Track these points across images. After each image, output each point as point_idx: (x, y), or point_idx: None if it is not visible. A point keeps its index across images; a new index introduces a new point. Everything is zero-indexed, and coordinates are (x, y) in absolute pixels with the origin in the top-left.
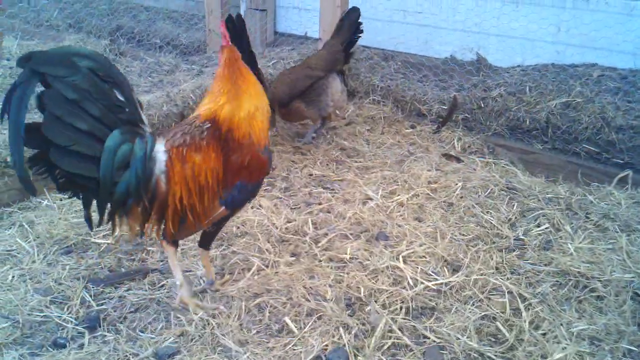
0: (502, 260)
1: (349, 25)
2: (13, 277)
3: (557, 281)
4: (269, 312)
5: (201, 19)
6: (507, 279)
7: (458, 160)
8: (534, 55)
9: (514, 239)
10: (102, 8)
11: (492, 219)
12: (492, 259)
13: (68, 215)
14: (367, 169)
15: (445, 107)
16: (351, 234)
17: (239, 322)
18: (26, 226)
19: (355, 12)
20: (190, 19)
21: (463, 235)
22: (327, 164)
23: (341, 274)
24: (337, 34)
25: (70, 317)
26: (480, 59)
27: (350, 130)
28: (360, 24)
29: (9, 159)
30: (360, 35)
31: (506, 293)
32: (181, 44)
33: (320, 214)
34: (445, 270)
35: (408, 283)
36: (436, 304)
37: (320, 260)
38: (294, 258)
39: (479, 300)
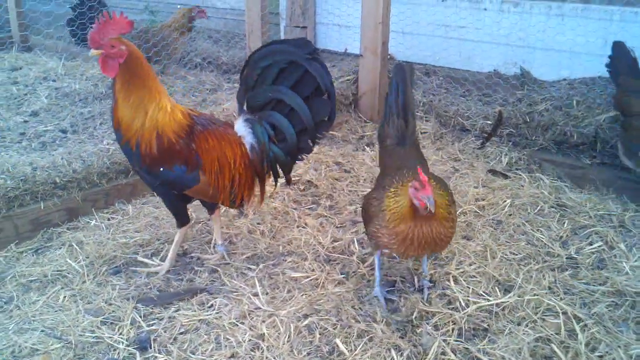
0: (555, 280)
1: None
2: (64, 297)
3: (613, 301)
4: (319, 334)
5: (242, 38)
6: (561, 299)
7: (505, 176)
8: (580, 68)
9: (566, 258)
10: (142, 28)
11: (542, 237)
12: (544, 279)
13: (116, 234)
14: None
15: (490, 122)
16: (396, 255)
17: (289, 344)
18: (75, 246)
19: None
20: (231, 38)
21: (514, 254)
22: (371, 181)
23: (391, 295)
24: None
25: (122, 338)
26: (525, 73)
27: None
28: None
29: (57, 180)
30: None
31: (560, 314)
32: (222, 62)
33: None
34: (497, 290)
35: (459, 304)
36: (489, 325)
37: (369, 280)
38: (342, 277)
39: (533, 322)
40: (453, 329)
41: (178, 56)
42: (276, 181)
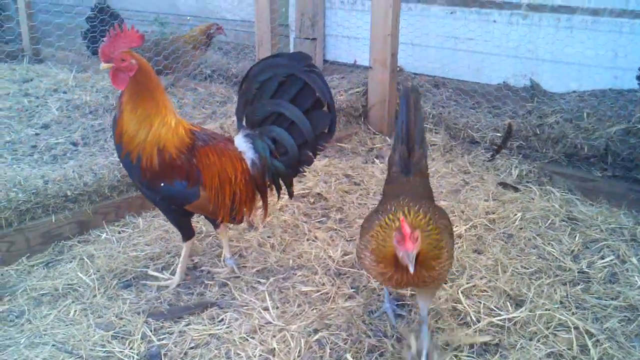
0: (567, 295)
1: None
2: (75, 311)
3: (626, 316)
4: (330, 349)
5: (252, 50)
6: (573, 313)
7: (515, 189)
8: (590, 80)
9: (578, 272)
10: (153, 40)
11: (554, 250)
12: (556, 293)
13: (127, 248)
14: None
15: (500, 135)
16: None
17: (300, 359)
18: (86, 260)
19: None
20: (241, 50)
21: (525, 268)
22: (381, 194)
23: (401, 310)
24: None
25: (132, 352)
26: (534, 85)
27: None
28: None
29: (69, 193)
30: None
31: (572, 329)
32: (232, 74)
33: None
34: (508, 305)
35: (470, 318)
36: (500, 340)
37: (379, 295)
38: (352, 291)
39: (545, 337)
40: (465, 344)
41: (189, 69)
42: (278, 195)
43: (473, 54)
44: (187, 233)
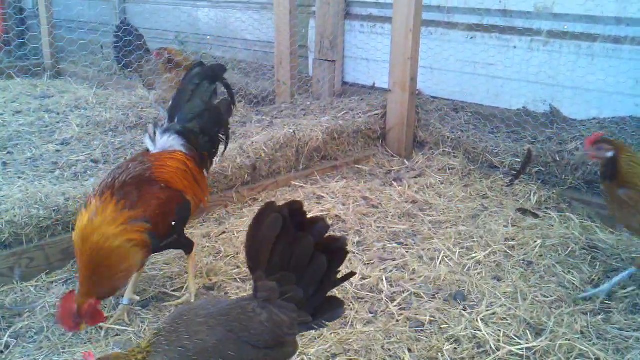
0: (587, 325)
1: None
2: (93, 329)
3: None
4: None
5: (270, 69)
6: (594, 344)
7: (534, 215)
8: (611, 108)
9: (599, 302)
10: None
11: (574, 279)
12: (576, 323)
13: (145, 267)
14: (440, 224)
15: (519, 160)
16: (425, 293)
17: None
18: None
19: None
20: (259, 69)
21: (544, 296)
22: (399, 217)
23: (420, 336)
24: None
25: None
26: (554, 111)
27: (421, 182)
28: None
29: None
30: None
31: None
32: (250, 93)
33: (395, 271)
34: (528, 333)
35: (490, 347)
36: None
37: (398, 321)
38: (370, 316)
39: None
40: None
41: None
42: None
43: (493, 79)
44: (191, 244)
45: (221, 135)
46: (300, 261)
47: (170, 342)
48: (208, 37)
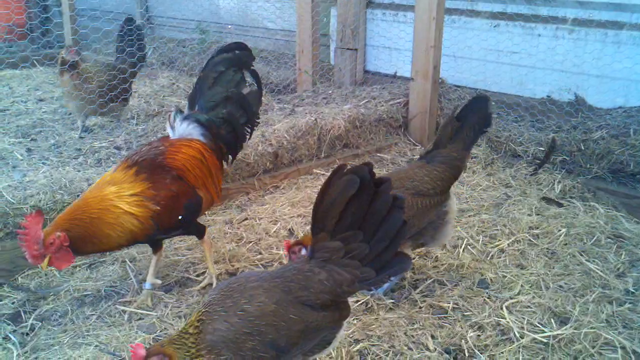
0: (613, 313)
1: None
2: (118, 313)
3: None
4: (371, 359)
5: (291, 58)
6: (619, 333)
7: (558, 204)
8: (637, 96)
9: (625, 291)
10: (193, 47)
11: (599, 268)
12: (602, 312)
13: (168, 252)
14: (463, 212)
15: (543, 149)
16: (448, 281)
17: None
18: (128, 262)
19: (482, 101)
20: (280, 58)
21: (569, 284)
22: None
23: (443, 323)
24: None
25: None
26: (579, 100)
27: None
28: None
29: None
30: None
31: (619, 348)
32: (271, 82)
33: (417, 258)
34: (552, 322)
35: (514, 334)
36: (544, 357)
37: (421, 307)
38: (391, 302)
39: (590, 355)
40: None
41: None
42: (234, 159)
43: (517, 68)
44: (202, 229)
45: (247, 128)
46: (374, 218)
47: (226, 308)
48: (229, 26)
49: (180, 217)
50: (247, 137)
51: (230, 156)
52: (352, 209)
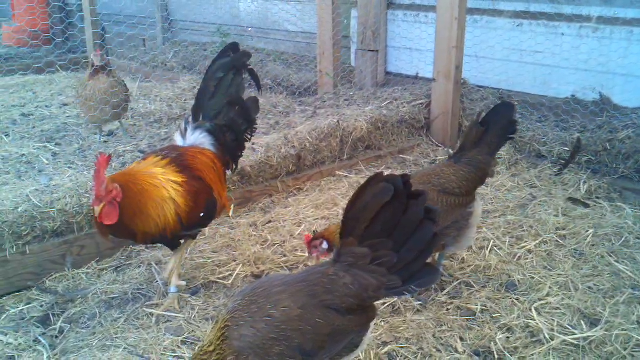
0: None
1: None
2: (145, 316)
3: None
4: None
5: (312, 60)
6: None
7: (585, 205)
8: None
9: None
10: (214, 50)
11: (628, 269)
12: (633, 313)
13: (194, 255)
14: (488, 213)
15: (568, 149)
16: (475, 282)
17: None
18: (154, 265)
19: (507, 108)
20: (301, 61)
21: (598, 286)
22: None
23: (472, 325)
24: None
25: None
26: (604, 99)
27: None
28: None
29: None
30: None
31: None
32: (292, 84)
33: (444, 260)
34: (583, 323)
35: (544, 336)
36: (575, 359)
37: (448, 309)
38: (418, 304)
39: (622, 357)
40: None
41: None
42: (236, 168)
43: (540, 67)
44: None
45: (247, 135)
46: (405, 228)
47: (252, 314)
48: (249, 29)
49: (202, 215)
50: (246, 144)
51: (233, 165)
52: (383, 217)
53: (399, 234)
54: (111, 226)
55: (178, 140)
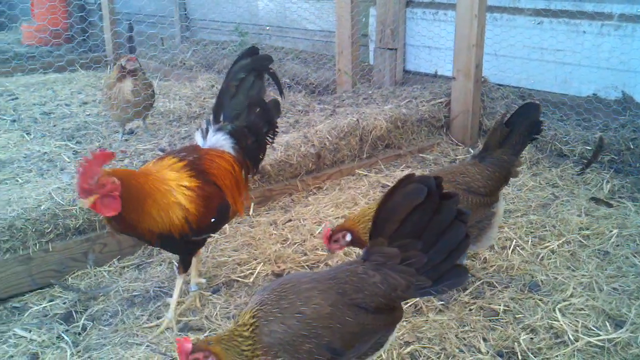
0: None
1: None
2: (169, 310)
3: None
4: None
5: (330, 59)
6: None
7: (608, 204)
8: None
9: None
10: (232, 49)
11: None
12: None
13: (215, 253)
14: (510, 213)
15: (590, 148)
16: (497, 282)
17: None
18: (175, 263)
19: (533, 108)
20: (319, 59)
21: (623, 287)
22: None
23: (495, 325)
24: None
25: None
26: (627, 98)
27: None
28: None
29: None
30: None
31: None
32: (310, 83)
33: (466, 260)
34: (608, 325)
35: (568, 338)
36: None
37: (471, 309)
38: (440, 303)
39: None
40: None
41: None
42: (256, 171)
43: (561, 66)
44: (188, 264)
45: (268, 137)
46: (435, 230)
47: (282, 310)
48: (267, 28)
49: (213, 220)
50: (268, 147)
51: (254, 169)
52: (414, 218)
53: (429, 234)
54: (116, 221)
55: (198, 140)
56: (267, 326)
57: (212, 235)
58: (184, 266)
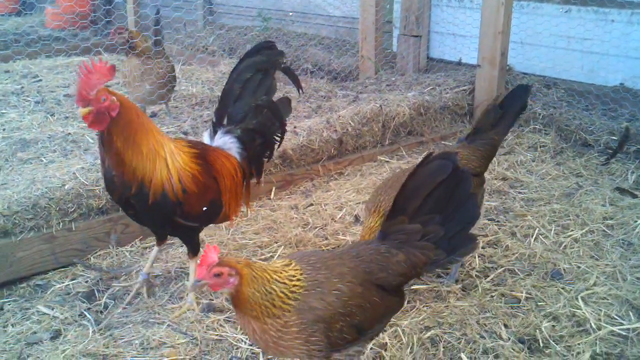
0: None
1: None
2: (187, 294)
3: None
4: (443, 347)
5: (353, 45)
6: None
7: (633, 195)
8: None
9: None
10: (255, 34)
11: None
12: None
13: (236, 235)
14: (533, 201)
15: (615, 138)
16: (519, 270)
17: (412, 356)
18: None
19: (524, 90)
20: (342, 46)
21: None
22: (490, 194)
23: (516, 312)
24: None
25: (245, 337)
26: None
27: (511, 159)
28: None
29: None
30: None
31: None
32: (333, 69)
33: (487, 247)
34: (631, 314)
35: (590, 326)
36: (622, 350)
37: (492, 296)
38: (463, 291)
39: None
40: (583, 351)
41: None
42: (261, 177)
43: (588, 55)
44: (197, 247)
45: (276, 137)
46: (453, 204)
47: (320, 284)
48: (290, 13)
49: (204, 209)
50: (276, 148)
51: (258, 176)
52: (437, 194)
53: (449, 208)
54: (103, 141)
55: (205, 140)
56: (307, 301)
57: (199, 227)
58: (193, 251)
